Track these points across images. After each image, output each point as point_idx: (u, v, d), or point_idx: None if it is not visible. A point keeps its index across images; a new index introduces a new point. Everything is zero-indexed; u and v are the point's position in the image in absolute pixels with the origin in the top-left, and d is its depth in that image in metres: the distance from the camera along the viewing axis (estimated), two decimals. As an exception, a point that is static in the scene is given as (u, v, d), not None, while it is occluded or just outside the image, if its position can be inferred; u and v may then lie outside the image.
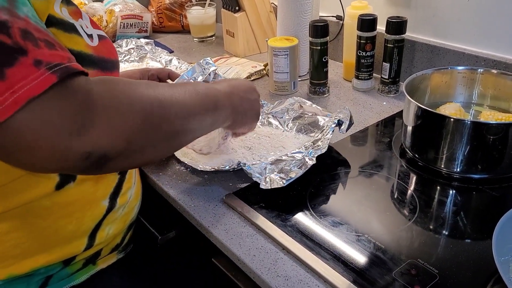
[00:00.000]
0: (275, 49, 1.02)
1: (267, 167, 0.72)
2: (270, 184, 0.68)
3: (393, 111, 0.97)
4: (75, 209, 0.61)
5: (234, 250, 0.61)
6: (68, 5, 0.57)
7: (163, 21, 1.55)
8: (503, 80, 0.82)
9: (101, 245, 0.66)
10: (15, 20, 0.42)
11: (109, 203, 0.64)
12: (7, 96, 0.40)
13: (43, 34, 0.44)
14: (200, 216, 0.68)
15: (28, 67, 0.41)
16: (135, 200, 0.72)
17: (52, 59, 0.42)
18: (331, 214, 0.67)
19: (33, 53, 0.41)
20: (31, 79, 0.40)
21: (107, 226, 0.65)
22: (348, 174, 0.77)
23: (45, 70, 0.41)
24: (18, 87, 0.40)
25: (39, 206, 0.57)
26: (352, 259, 0.58)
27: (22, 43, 0.41)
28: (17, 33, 0.41)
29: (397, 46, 0.97)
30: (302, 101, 0.90)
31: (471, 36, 0.95)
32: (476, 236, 0.63)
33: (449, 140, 0.72)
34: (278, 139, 0.86)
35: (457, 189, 0.73)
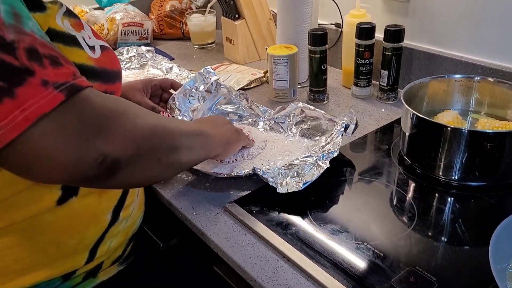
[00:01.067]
0: (274, 57, 1.03)
1: (280, 172, 0.73)
2: (286, 188, 0.70)
3: (392, 118, 0.98)
4: (78, 224, 0.61)
5: (235, 258, 0.62)
6: (70, 17, 0.57)
7: (164, 28, 1.56)
8: (500, 88, 0.83)
9: (102, 258, 0.66)
10: (21, 38, 0.44)
11: (112, 216, 0.64)
12: (18, 114, 0.42)
13: (48, 48, 0.46)
14: (202, 224, 0.69)
15: (36, 87, 0.43)
16: (138, 212, 0.72)
17: (57, 78, 0.45)
18: (330, 222, 0.68)
19: (40, 73, 0.44)
20: (40, 98, 0.43)
21: (109, 239, 0.65)
22: (347, 181, 0.78)
23: (53, 89, 0.44)
24: (28, 105, 0.42)
25: (41, 220, 0.57)
26: (352, 267, 0.59)
27: (28, 64, 0.43)
28: (23, 54, 0.43)
29: (395, 54, 0.99)
30: (304, 106, 0.90)
31: (468, 44, 0.96)
32: (474, 244, 0.64)
33: (446, 148, 0.73)
34: (283, 144, 0.87)
35: (455, 196, 0.74)
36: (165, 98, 0.94)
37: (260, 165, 0.79)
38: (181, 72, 1.24)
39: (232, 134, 0.75)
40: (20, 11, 0.46)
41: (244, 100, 0.95)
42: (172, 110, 0.91)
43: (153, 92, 0.92)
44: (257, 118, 0.94)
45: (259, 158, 0.82)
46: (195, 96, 0.92)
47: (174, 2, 1.56)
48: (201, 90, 0.92)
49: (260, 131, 0.90)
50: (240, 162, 0.79)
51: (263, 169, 0.74)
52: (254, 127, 0.93)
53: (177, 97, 0.91)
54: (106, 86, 0.58)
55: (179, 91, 0.92)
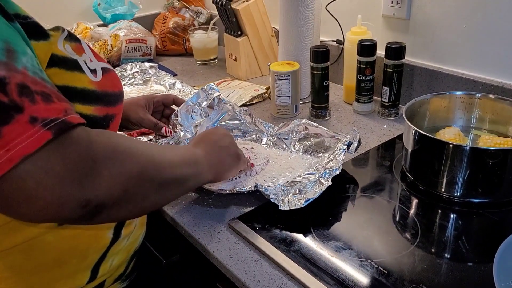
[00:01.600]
0: (277, 74, 1.04)
1: (282, 189, 0.74)
2: (288, 205, 0.70)
3: (394, 134, 0.99)
4: (79, 243, 0.60)
5: (239, 276, 0.62)
6: (71, 41, 0.58)
7: (167, 44, 1.58)
8: (501, 104, 0.83)
9: (105, 276, 0.65)
10: (13, 75, 0.43)
11: (113, 234, 0.64)
12: (2, 154, 0.41)
13: (40, 85, 0.45)
14: (205, 241, 0.69)
15: (24, 125, 0.42)
16: (140, 229, 0.72)
17: (47, 114, 0.43)
18: (334, 239, 0.68)
19: (29, 109, 0.42)
20: (26, 137, 0.41)
21: (111, 257, 0.65)
22: (350, 198, 0.78)
23: (40, 127, 0.42)
24: (12, 145, 0.41)
25: (42, 241, 0.57)
26: (356, 285, 0.59)
27: (18, 100, 0.42)
28: (14, 89, 0.42)
29: (396, 70, 1.00)
30: (307, 122, 0.91)
31: (468, 61, 0.97)
32: (478, 261, 0.64)
33: (448, 165, 0.73)
34: (286, 160, 0.87)
35: (457, 213, 0.74)
36: (167, 114, 0.95)
37: (263, 182, 0.79)
38: (184, 88, 1.25)
39: (231, 159, 0.74)
40: (14, 46, 0.45)
41: (247, 116, 0.96)
42: (175, 125, 0.91)
43: (155, 108, 0.93)
44: (261, 134, 0.95)
45: (262, 175, 0.82)
46: (197, 112, 0.93)
47: (177, 19, 1.58)
48: (204, 106, 0.93)
49: (263, 147, 0.91)
50: (243, 178, 0.80)
51: (265, 186, 0.74)
52: (258, 143, 0.93)
53: (180, 112, 0.92)
54: (107, 109, 0.58)
55: (181, 107, 0.92)
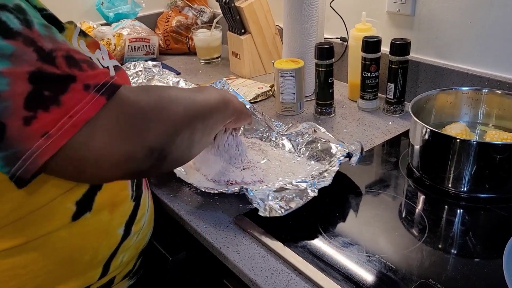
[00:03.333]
0: (281, 71, 1.04)
1: (270, 194, 0.71)
2: (268, 212, 0.68)
3: (399, 130, 0.98)
4: (91, 239, 0.60)
5: (246, 272, 0.62)
6: (86, 37, 0.58)
7: (170, 43, 1.58)
8: (508, 100, 0.83)
9: (115, 272, 0.66)
10: (58, 46, 0.45)
11: (124, 231, 0.64)
12: (66, 121, 0.44)
13: (81, 55, 0.48)
14: (212, 238, 0.69)
15: (80, 92, 0.45)
16: (148, 227, 0.72)
17: (98, 79, 0.46)
18: (341, 235, 0.67)
19: (81, 78, 0.45)
20: (84, 103, 0.45)
21: (121, 253, 0.65)
22: (357, 194, 0.78)
23: (94, 93, 0.45)
24: (74, 112, 0.44)
25: (56, 237, 0.57)
26: (364, 280, 0.59)
27: (69, 71, 0.45)
28: (63, 62, 0.45)
29: (401, 67, 0.99)
30: (316, 126, 0.88)
31: (474, 57, 0.97)
32: (486, 256, 0.63)
33: (455, 160, 0.73)
34: (289, 164, 0.85)
35: (465, 208, 0.73)
36: None
37: (258, 185, 0.78)
38: (188, 87, 1.25)
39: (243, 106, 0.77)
40: (49, 24, 0.47)
41: (258, 113, 0.95)
42: None
43: None
44: (270, 133, 0.94)
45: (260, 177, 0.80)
46: None
47: (180, 18, 1.58)
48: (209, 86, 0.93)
49: (270, 148, 0.90)
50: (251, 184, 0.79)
51: (250, 189, 0.71)
52: (266, 142, 0.92)
53: None
54: None
55: None
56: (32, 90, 0.43)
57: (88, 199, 0.59)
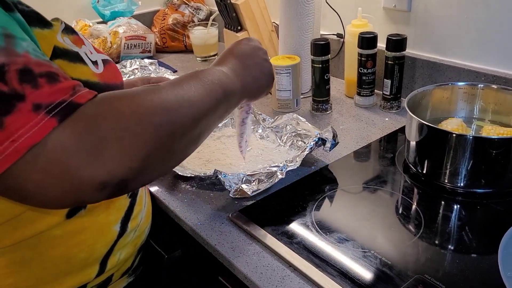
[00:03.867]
0: (277, 68, 1.04)
1: (244, 178, 0.74)
2: (239, 194, 0.71)
3: (396, 126, 0.98)
4: (87, 237, 0.59)
5: (241, 268, 0.62)
6: (69, 34, 0.57)
7: (166, 41, 1.57)
8: (504, 95, 0.83)
9: (112, 270, 0.65)
10: (13, 59, 0.41)
11: (120, 228, 0.63)
12: (7, 145, 0.39)
13: (45, 66, 0.43)
14: (207, 234, 0.69)
15: (27, 114, 0.40)
16: (146, 223, 0.71)
17: (52, 98, 0.41)
18: (336, 231, 0.67)
19: (31, 96, 0.40)
20: (30, 126, 0.39)
21: (118, 251, 0.64)
22: (353, 190, 0.78)
23: (45, 114, 0.40)
24: (17, 136, 0.39)
25: (50, 235, 0.56)
26: (359, 276, 0.58)
27: (19, 88, 0.40)
28: (14, 77, 0.40)
29: (397, 63, 0.99)
30: (298, 118, 0.92)
31: (470, 52, 0.97)
32: (482, 251, 0.63)
33: (452, 155, 0.73)
34: (270, 153, 0.88)
35: (461, 203, 0.73)
36: None
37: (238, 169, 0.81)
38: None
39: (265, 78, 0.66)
40: (13, 32, 0.43)
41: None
42: None
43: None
44: (257, 126, 0.96)
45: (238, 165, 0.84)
46: None
47: (177, 15, 1.58)
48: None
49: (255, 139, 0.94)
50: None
51: (224, 173, 0.74)
52: (252, 133, 0.95)
53: None
54: None
55: None
56: None
57: None
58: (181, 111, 0.49)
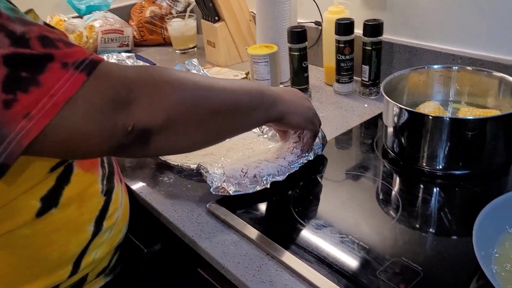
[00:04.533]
0: (255, 57, 1.03)
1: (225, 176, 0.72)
2: (219, 191, 0.69)
3: (375, 112, 0.98)
4: (59, 237, 0.58)
5: (218, 259, 0.61)
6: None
7: (144, 34, 1.55)
8: (479, 76, 0.83)
9: (87, 270, 0.63)
10: (29, 28, 0.44)
11: (94, 227, 0.62)
12: (47, 101, 0.43)
13: (55, 34, 0.46)
14: (184, 226, 0.68)
15: (58, 71, 0.44)
16: (123, 221, 0.70)
17: (76, 57, 0.45)
18: (315, 217, 0.66)
19: (58, 56, 0.44)
20: (64, 81, 0.44)
21: (93, 250, 0.63)
22: (332, 177, 0.77)
23: (74, 70, 0.45)
24: (54, 91, 0.43)
25: (20, 235, 0.55)
26: (337, 261, 0.58)
27: (45, 51, 0.44)
28: (37, 43, 0.44)
29: (375, 48, 0.98)
30: None
31: (446, 36, 0.97)
32: (459, 232, 0.63)
33: (429, 138, 0.72)
34: (250, 141, 0.88)
35: (439, 186, 0.73)
36: None
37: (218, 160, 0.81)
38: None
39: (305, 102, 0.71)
40: (15, 6, 0.46)
41: None
42: None
43: None
44: None
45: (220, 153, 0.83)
46: None
47: (154, 8, 1.55)
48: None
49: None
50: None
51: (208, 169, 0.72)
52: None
53: None
54: None
55: None
56: (8, 73, 0.42)
57: (54, 195, 0.56)
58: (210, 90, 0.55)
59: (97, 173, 0.63)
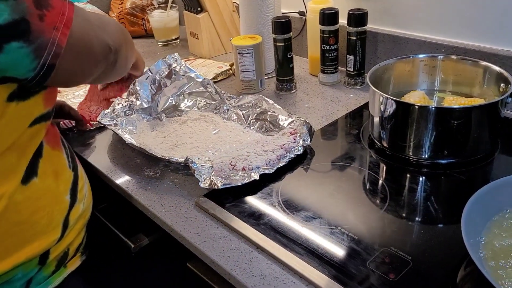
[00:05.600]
0: (239, 48, 1.01)
1: (213, 169, 0.72)
2: (208, 185, 0.69)
3: (360, 102, 0.98)
4: (45, 203, 0.63)
5: (207, 253, 0.60)
6: None
7: (125, 26, 1.52)
8: (463, 65, 0.83)
9: (68, 240, 0.68)
10: None
11: (70, 198, 0.68)
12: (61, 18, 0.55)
13: None
14: (172, 221, 0.67)
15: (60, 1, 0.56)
16: (89, 198, 0.75)
17: None
18: (303, 209, 0.66)
19: None
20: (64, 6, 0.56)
21: (72, 220, 0.68)
22: (319, 168, 0.77)
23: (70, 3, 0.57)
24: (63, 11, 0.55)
25: (14, 201, 0.59)
26: (327, 252, 0.58)
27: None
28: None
29: (359, 38, 0.98)
30: (264, 99, 0.90)
31: (430, 25, 0.97)
32: (447, 221, 0.64)
33: (415, 127, 0.73)
34: (237, 133, 0.87)
35: (426, 175, 0.74)
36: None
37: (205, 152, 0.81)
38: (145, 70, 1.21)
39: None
40: None
41: (210, 86, 0.97)
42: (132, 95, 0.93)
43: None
44: (222, 105, 0.95)
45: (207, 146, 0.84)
46: (157, 82, 0.94)
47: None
48: (163, 77, 0.95)
49: (221, 119, 0.93)
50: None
51: (195, 162, 0.72)
52: (218, 114, 0.94)
53: (139, 82, 0.93)
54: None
55: (142, 77, 0.93)
56: None
57: (33, 165, 0.62)
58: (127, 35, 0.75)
59: (61, 150, 0.69)
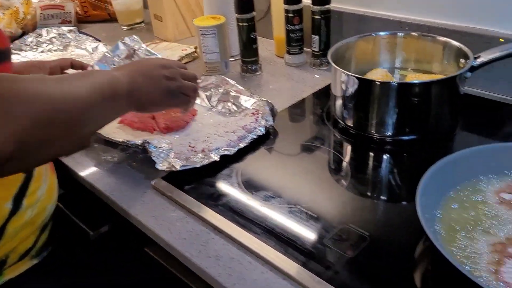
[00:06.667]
0: (201, 29, 0.99)
1: (172, 151, 0.70)
2: (166, 167, 0.67)
3: (326, 83, 0.97)
4: None
5: (163, 236, 0.59)
6: None
7: (88, 10, 1.47)
8: (424, 42, 0.83)
9: (5, 249, 0.60)
10: None
11: (13, 205, 0.59)
12: None
13: None
14: (127, 205, 0.65)
15: None
16: (48, 200, 0.66)
17: None
18: (263, 189, 0.65)
19: None
20: None
21: (12, 229, 0.60)
22: (283, 149, 0.76)
23: None
24: None
25: None
26: (284, 231, 0.57)
27: None
28: None
29: (323, 17, 0.97)
30: (226, 79, 0.89)
31: (394, 2, 0.96)
32: (407, 197, 0.63)
33: (377, 104, 0.72)
34: (201, 116, 0.85)
35: (388, 152, 0.73)
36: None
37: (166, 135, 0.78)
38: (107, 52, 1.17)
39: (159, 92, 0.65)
40: None
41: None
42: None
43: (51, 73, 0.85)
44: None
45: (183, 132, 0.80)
46: (116, 64, 0.90)
47: (97, -19, 1.47)
48: (123, 58, 0.90)
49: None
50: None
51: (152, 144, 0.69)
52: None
53: (97, 64, 0.89)
54: None
55: (99, 58, 0.89)
56: None
57: None
58: (65, 103, 0.49)
59: None
